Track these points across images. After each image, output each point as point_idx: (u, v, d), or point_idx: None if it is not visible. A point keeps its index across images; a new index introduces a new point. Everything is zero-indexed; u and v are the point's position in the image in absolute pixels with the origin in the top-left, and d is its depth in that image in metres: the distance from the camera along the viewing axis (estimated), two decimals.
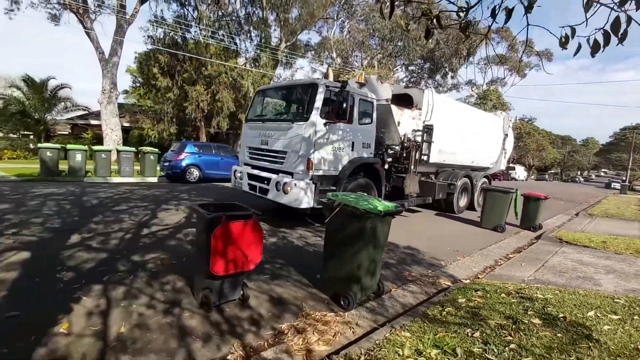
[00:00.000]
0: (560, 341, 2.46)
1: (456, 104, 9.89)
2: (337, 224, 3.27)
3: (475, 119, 10.16)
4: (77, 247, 4.29)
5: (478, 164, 10.53)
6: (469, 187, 9.85)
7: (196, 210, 2.95)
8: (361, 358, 2.24)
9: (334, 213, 3.23)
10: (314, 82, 6.05)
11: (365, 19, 27.41)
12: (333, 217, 3.26)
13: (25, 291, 3.06)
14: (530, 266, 4.98)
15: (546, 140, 48.17)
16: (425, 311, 3.06)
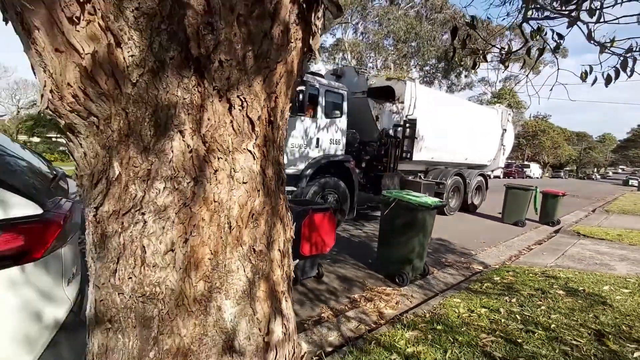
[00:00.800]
0: (581, 305, 3.14)
1: (445, 97, 9.32)
2: (392, 216, 4.00)
3: (468, 113, 9.48)
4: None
5: (473, 162, 9.96)
6: (462, 187, 9.07)
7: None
8: (426, 315, 2.96)
9: (390, 207, 3.96)
10: None
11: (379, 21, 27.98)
12: (388, 210, 3.99)
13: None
14: (551, 255, 5.60)
15: (561, 137, 47.81)
16: (467, 286, 3.76)
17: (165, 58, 0.67)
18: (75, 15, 0.62)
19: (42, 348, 1.32)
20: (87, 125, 0.69)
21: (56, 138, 23.97)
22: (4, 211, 1.22)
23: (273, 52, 0.81)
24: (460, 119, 8.94)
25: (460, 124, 8.88)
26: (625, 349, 2.44)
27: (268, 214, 0.82)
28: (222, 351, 0.75)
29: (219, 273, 0.74)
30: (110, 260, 0.71)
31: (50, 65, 0.67)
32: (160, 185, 0.69)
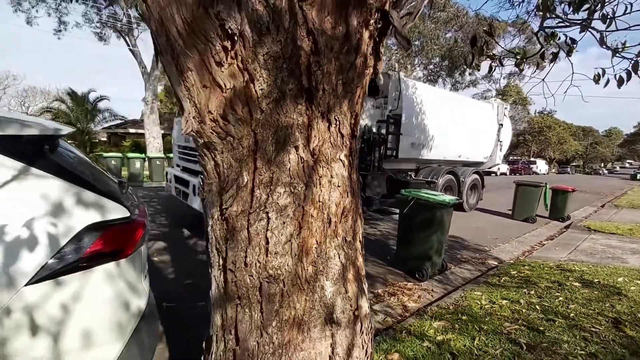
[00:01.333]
0: (597, 296, 3.29)
1: (435, 91, 8.68)
2: (411, 215, 4.17)
3: (461, 107, 9.06)
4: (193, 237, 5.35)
5: (468, 159, 9.55)
6: (455, 185, 8.66)
7: None
8: (450, 307, 3.12)
9: (409, 206, 4.13)
10: None
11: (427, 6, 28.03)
12: (407, 209, 4.16)
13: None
14: (564, 250, 5.73)
15: (567, 132, 47.58)
16: (485, 280, 3.92)
17: (285, 89, 0.85)
18: (222, 60, 0.81)
19: (129, 334, 1.51)
20: (224, 144, 0.87)
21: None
22: (103, 214, 1.41)
23: (355, 78, 0.99)
24: (452, 114, 8.55)
25: (452, 119, 8.50)
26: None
27: (353, 211, 1.00)
28: (325, 322, 0.93)
29: (322, 259, 0.92)
30: (240, 249, 0.89)
31: (196, 97, 0.85)
32: (281, 190, 0.87)
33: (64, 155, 1.59)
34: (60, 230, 1.28)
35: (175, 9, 0.80)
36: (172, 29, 0.82)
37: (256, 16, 0.82)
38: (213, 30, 0.80)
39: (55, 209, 1.30)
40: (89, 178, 1.53)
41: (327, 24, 0.90)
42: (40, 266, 1.22)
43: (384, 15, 1.01)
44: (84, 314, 1.32)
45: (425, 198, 3.99)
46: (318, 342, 0.91)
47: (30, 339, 1.20)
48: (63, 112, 22.47)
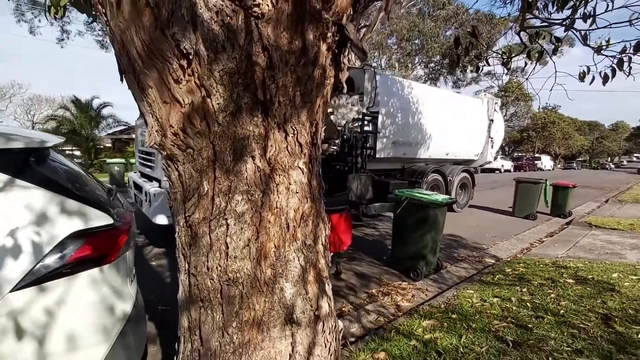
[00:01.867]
0: (590, 292, 3.29)
1: (415, 86, 8.18)
2: (405, 214, 4.20)
3: (447, 103, 8.74)
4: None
5: (457, 157, 9.25)
6: (442, 185, 8.32)
7: None
8: (441, 306, 3.15)
9: (402, 206, 4.16)
10: None
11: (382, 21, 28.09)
12: (400, 209, 4.20)
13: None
14: (563, 246, 5.72)
15: (572, 127, 47.13)
16: (480, 278, 3.94)
17: (241, 103, 0.90)
18: (179, 78, 0.87)
19: (115, 336, 1.57)
20: (184, 155, 0.93)
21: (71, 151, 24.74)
22: (86, 222, 1.47)
23: (314, 89, 1.04)
24: (437, 110, 8.21)
25: (436, 116, 8.16)
26: (631, 330, 2.60)
27: (314, 215, 1.05)
28: (284, 322, 0.98)
29: (281, 262, 0.97)
30: (202, 254, 0.95)
31: (157, 112, 0.91)
32: (238, 197, 0.92)
33: (52, 165, 1.66)
34: (44, 239, 1.35)
35: (134, 31, 0.86)
36: (132, 50, 0.87)
37: (212, 35, 0.87)
38: (170, 50, 0.85)
39: (39, 218, 1.36)
40: (74, 187, 1.60)
41: (283, 40, 0.95)
42: (25, 273, 1.28)
43: (340, 28, 1.06)
44: (68, 318, 1.38)
45: (419, 198, 4.03)
46: (278, 341, 0.96)
47: (16, 343, 1.27)
48: (67, 120, 22.78)
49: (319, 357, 1.03)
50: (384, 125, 6.91)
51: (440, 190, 8.26)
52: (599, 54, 2.75)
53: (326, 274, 1.10)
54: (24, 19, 16.66)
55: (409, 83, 8.07)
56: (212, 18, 0.86)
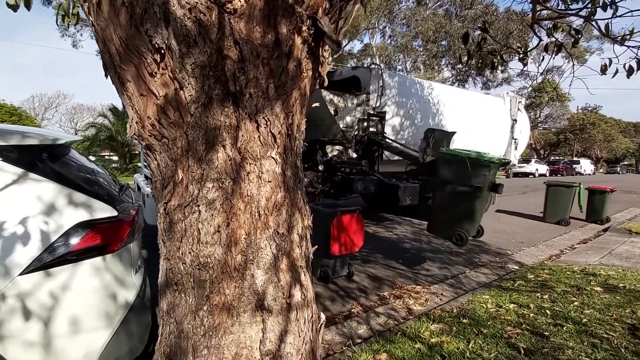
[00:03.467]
0: (619, 301, 3.05)
1: (429, 85, 7.91)
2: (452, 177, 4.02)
3: (464, 102, 8.35)
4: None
5: None
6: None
7: (315, 209, 3.97)
8: (454, 310, 3.05)
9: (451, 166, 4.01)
10: None
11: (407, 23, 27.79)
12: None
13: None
14: (596, 254, 5.34)
15: (615, 129, 43.95)
16: (499, 284, 3.77)
17: (212, 95, 0.95)
18: (154, 71, 0.92)
19: (117, 323, 1.66)
20: (160, 145, 0.98)
21: (109, 156, 26.35)
22: (92, 214, 1.58)
23: (289, 82, 1.07)
24: (453, 110, 7.82)
25: (452, 116, 7.79)
26: None
27: (288, 205, 1.07)
28: (255, 308, 1.00)
29: (252, 249, 0.99)
30: (176, 239, 0.99)
31: (136, 104, 0.97)
32: (209, 185, 0.96)
33: (66, 161, 1.79)
34: (51, 227, 1.46)
35: (112, 29, 0.92)
36: (112, 47, 0.94)
37: (185, 31, 0.92)
38: (144, 45, 0.91)
39: (48, 209, 1.48)
40: (84, 182, 1.71)
41: (256, 34, 0.98)
42: (33, 258, 1.40)
43: (315, 22, 1.08)
44: (72, 302, 1.48)
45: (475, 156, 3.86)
46: (248, 326, 0.98)
47: (23, 323, 1.37)
48: (105, 127, 24.34)
49: (292, 345, 1.04)
50: (390, 125, 6.65)
51: None
52: (622, 45, 2.59)
53: (302, 264, 1.11)
54: (67, 33, 18.03)
55: (422, 82, 7.82)
56: (185, 15, 0.91)
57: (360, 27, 23.43)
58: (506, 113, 9.27)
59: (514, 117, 9.33)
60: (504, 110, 9.24)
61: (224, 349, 0.96)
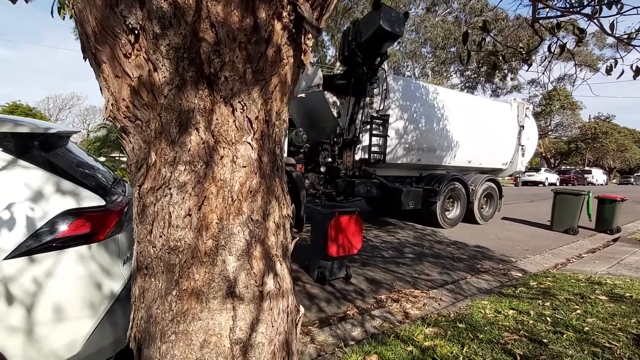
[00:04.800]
0: (624, 311, 2.94)
1: (434, 89, 7.80)
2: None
3: (470, 108, 8.27)
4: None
5: (481, 165, 8.69)
6: (463, 195, 7.72)
7: (314, 209, 3.95)
8: (451, 315, 2.97)
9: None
10: None
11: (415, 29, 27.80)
12: None
13: None
14: (604, 263, 5.18)
15: (629, 139, 43.01)
16: (500, 290, 3.68)
17: (186, 77, 0.94)
18: (128, 52, 0.92)
19: (102, 313, 1.65)
20: (134, 127, 0.98)
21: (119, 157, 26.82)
22: (78, 202, 1.58)
23: (268, 67, 1.06)
24: (458, 115, 7.77)
25: (457, 121, 7.71)
26: None
27: (264, 192, 1.05)
28: (226, 295, 0.97)
29: (224, 234, 0.98)
30: (147, 223, 0.98)
31: (111, 86, 0.97)
32: (181, 168, 0.95)
33: (58, 151, 1.81)
34: (38, 214, 1.46)
35: (89, 10, 0.93)
36: (88, 29, 0.95)
37: (160, 12, 0.92)
38: (118, 26, 0.91)
39: (35, 195, 1.49)
40: (75, 172, 1.73)
41: (234, 17, 0.98)
42: (18, 244, 1.40)
43: (295, 7, 1.07)
44: (56, 289, 1.48)
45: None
46: (218, 313, 0.96)
47: (7, 308, 1.38)
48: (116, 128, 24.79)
49: (263, 335, 1.01)
50: (393, 129, 6.63)
51: (461, 200, 7.83)
52: (628, 44, 2.53)
53: (277, 253, 1.09)
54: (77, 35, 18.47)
55: (428, 86, 7.78)
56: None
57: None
58: (513, 119, 9.14)
59: (522, 124, 9.20)
60: (511, 116, 9.11)
61: (192, 335, 0.94)
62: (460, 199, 7.79)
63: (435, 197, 7.07)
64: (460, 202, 7.82)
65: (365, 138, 6.46)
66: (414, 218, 8.03)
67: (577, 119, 38.71)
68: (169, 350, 0.94)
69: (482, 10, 24.99)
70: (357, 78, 6.14)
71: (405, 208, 6.73)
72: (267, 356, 1.01)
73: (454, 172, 7.82)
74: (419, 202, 6.94)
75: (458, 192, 7.70)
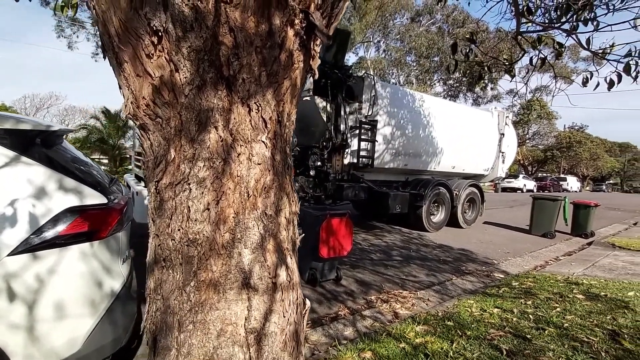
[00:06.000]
0: (600, 308, 3.13)
1: (421, 97, 8.03)
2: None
3: (453, 115, 8.56)
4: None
5: (464, 170, 9.02)
6: (447, 199, 7.99)
7: (305, 211, 4.00)
8: (439, 314, 3.08)
9: None
10: None
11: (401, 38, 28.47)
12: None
13: None
14: (580, 265, 5.45)
15: (601, 148, 45.19)
16: (484, 290, 3.82)
17: (206, 78, 0.99)
18: (151, 53, 0.96)
19: (103, 311, 1.65)
20: (154, 124, 1.01)
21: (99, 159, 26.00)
22: (81, 200, 1.59)
23: (281, 71, 1.12)
24: (443, 122, 8.06)
25: (442, 128, 8.00)
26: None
27: (276, 188, 1.11)
28: (241, 286, 1.02)
29: (240, 228, 1.02)
30: (166, 217, 1.02)
31: (132, 85, 1.01)
32: (201, 164, 0.99)
33: (58, 149, 1.81)
34: (41, 211, 1.46)
35: (113, 11, 0.97)
36: (111, 29, 0.98)
37: (182, 16, 0.97)
38: (142, 28, 0.96)
39: (39, 192, 1.48)
40: (76, 169, 1.73)
41: (250, 23, 1.04)
42: (21, 241, 1.40)
43: (307, 15, 1.14)
44: (58, 287, 1.48)
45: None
46: (234, 303, 1.00)
47: (9, 304, 1.37)
48: (97, 129, 24.08)
49: (276, 324, 1.06)
50: (381, 134, 6.80)
51: (445, 205, 8.07)
52: (603, 58, 2.72)
53: (288, 247, 1.15)
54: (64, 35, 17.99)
55: (414, 93, 8.04)
56: (182, 1, 0.96)
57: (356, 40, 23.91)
58: (494, 127, 9.50)
59: (502, 131, 9.58)
60: (492, 124, 9.48)
61: (209, 325, 0.98)
62: (445, 204, 8.03)
63: (421, 201, 7.27)
64: (444, 207, 8.06)
65: (354, 143, 6.59)
66: (400, 222, 8.19)
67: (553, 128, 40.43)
68: (186, 340, 0.98)
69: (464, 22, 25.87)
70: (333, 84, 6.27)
71: (393, 212, 6.89)
72: (279, 345, 1.06)
73: (438, 177, 8.05)
74: (405, 206, 7.14)
75: (443, 197, 7.95)
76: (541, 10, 2.74)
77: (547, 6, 2.72)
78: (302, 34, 1.16)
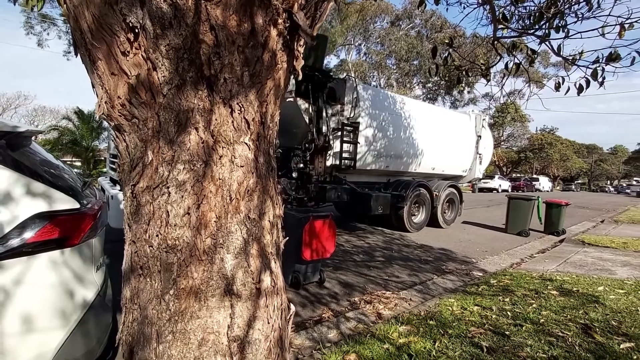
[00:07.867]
0: (573, 303, 3.26)
1: (401, 99, 8.16)
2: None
3: (433, 118, 8.75)
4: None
5: (444, 172, 9.21)
6: (427, 200, 8.15)
7: (287, 213, 3.96)
8: (422, 313, 3.11)
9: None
10: None
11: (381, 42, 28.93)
12: None
13: None
14: (553, 262, 5.67)
15: (570, 149, 47.47)
16: (464, 289, 3.90)
17: (186, 77, 0.95)
18: (126, 50, 0.92)
19: (74, 323, 1.56)
20: (130, 125, 0.97)
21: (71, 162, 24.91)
22: (51, 204, 1.50)
23: (264, 71, 1.10)
24: (423, 124, 8.20)
25: (422, 130, 8.16)
26: (612, 341, 2.56)
27: (260, 191, 1.08)
28: (224, 292, 0.98)
29: (222, 233, 0.99)
30: (143, 222, 0.97)
31: (106, 83, 0.96)
32: (180, 167, 0.95)
33: (26, 152, 1.70)
34: (6, 217, 1.37)
35: (85, 6, 0.92)
36: (84, 25, 0.93)
37: (160, 13, 0.93)
38: (117, 24, 0.91)
39: (3, 198, 1.39)
40: (45, 173, 1.63)
41: (232, 22, 1.01)
42: None
43: (290, 15, 1.12)
44: (26, 298, 1.38)
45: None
46: (216, 311, 0.97)
47: None
48: (69, 130, 23.07)
49: (260, 331, 1.03)
50: (363, 136, 6.86)
51: (426, 205, 8.22)
52: (573, 64, 2.84)
53: (272, 251, 1.12)
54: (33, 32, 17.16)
55: (395, 96, 8.16)
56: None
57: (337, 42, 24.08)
58: (472, 129, 9.74)
59: (479, 133, 9.80)
60: (470, 126, 9.71)
61: (190, 334, 0.94)
62: (425, 204, 8.19)
63: (402, 202, 7.39)
64: (425, 207, 8.22)
65: (337, 144, 6.61)
66: (382, 223, 8.27)
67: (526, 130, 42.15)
68: (165, 351, 0.93)
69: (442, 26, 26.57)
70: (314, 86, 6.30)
71: (375, 213, 6.95)
72: (264, 352, 1.03)
73: (419, 179, 8.18)
74: (387, 207, 7.22)
75: (423, 198, 8.09)
76: (516, 18, 2.84)
77: (522, 14, 2.83)
78: (285, 34, 1.14)
